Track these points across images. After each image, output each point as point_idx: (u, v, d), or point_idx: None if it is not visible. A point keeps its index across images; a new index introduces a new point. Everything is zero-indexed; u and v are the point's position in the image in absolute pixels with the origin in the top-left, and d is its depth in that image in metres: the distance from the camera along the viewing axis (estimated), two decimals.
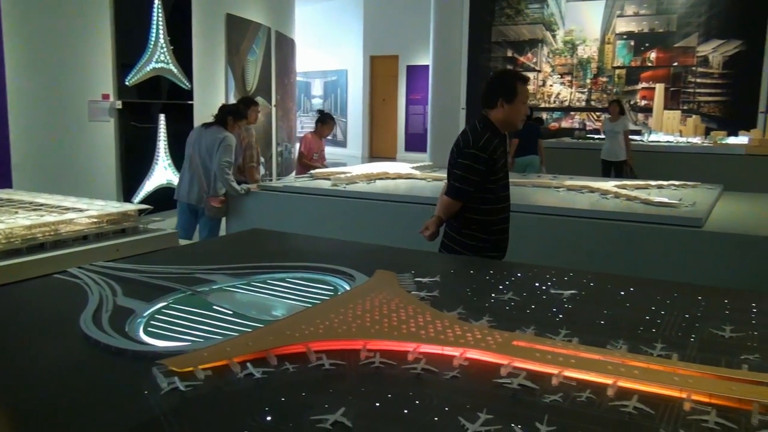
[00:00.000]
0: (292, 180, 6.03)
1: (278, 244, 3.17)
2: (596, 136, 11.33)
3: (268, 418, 1.35)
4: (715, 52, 12.99)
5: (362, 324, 1.83)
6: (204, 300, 2.14)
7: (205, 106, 5.58)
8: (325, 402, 1.42)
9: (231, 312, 2.02)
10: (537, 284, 2.36)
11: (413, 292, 2.20)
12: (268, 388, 1.50)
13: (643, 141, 10.44)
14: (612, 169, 9.08)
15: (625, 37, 13.69)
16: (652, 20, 13.46)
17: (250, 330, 1.84)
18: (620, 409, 1.41)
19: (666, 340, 1.81)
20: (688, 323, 1.97)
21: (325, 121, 6.86)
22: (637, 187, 5.42)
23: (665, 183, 5.66)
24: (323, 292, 2.25)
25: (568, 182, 5.53)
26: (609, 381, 1.51)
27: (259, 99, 9.97)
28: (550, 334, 1.83)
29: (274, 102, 11.10)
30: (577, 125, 14.08)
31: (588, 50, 14.04)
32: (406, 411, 1.39)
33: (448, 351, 1.70)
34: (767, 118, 11.40)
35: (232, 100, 8.58)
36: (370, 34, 16.95)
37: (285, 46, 11.67)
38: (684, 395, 1.45)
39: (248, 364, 1.58)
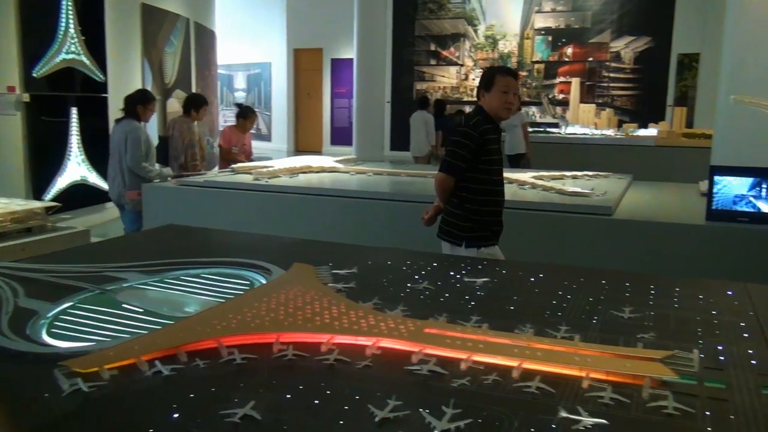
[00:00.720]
0: (214, 174, 5.92)
1: (194, 240, 3.10)
2: None
3: (176, 416, 1.33)
4: (626, 48, 13.59)
5: (276, 317, 1.83)
6: (113, 299, 2.07)
7: (121, 100, 5.39)
8: (235, 396, 1.41)
9: (141, 310, 1.97)
10: (452, 273, 2.42)
11: (330, 285, 2.21)
12: (176, 385, 1.48)
13: (560, 133, 10.80)
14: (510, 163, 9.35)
15: (543, 32, 14.12)
16: (568, 16, 13.94)
17: (160, 328, 1.80)
18: (523, 389, 1.46)
19: (570, 322, 1.89)
20: (592, 306, 2.06)
21: (246, 115, 6.75)
22: (553, 178, 5.61)
23: (579, 173, 5.88)
24: (238, 287, 2.22)
25: None
26: (514, 363, 1.57)
27: (179, 92, 9.72)
28: (462, 321, 1.88)
29: None
30: None
31: (508, 45, 14.40)
32: (317, 401, 1.40)
33: (362, 341, 1.72)
34: (674, 111, 12.00)
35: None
36: (293, 26, 16.78)
37: (205, 38, 11.39)
38: (583, 374, 1.53)
39: (157, 362, 1.55)
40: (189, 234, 3.23)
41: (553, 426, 1.30)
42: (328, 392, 1.45)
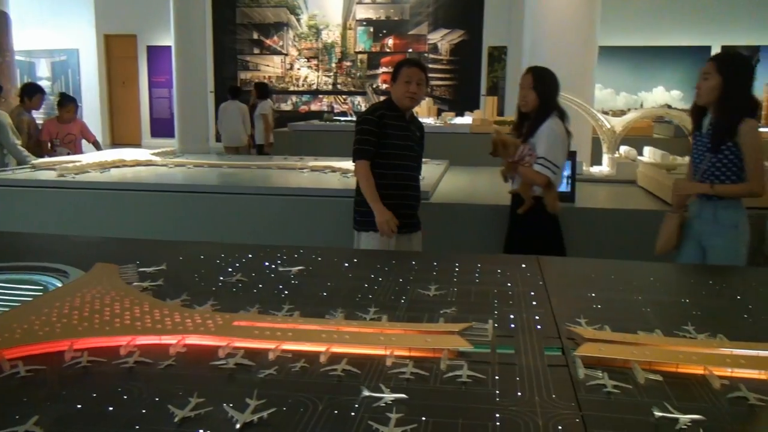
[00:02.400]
0: (8, 172, 5.33)
1: None
2: (343, 119, 11.78)
3: None
4: (443, 40, 14.30)
5: (69, 323, 1.69)
6: None
7: None
8: (16, 412, 1.28)
9: None
10: (267, 263, 2.39)
11: (135, 284, 2.08)
12: None
13: None
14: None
15: (364, 23, 14.42)
16: (387, 8, 14.36)
17: None
18: (330, 373, 1.48)
19: (379, 304, 1.95)
20: (401, 287, 2.14)
21: (61, 103, 6.30)
22: None
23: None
24: (29, 293, 2.02)
25: (312, 163, 5.68)
26: (322, 348, 1.59)
27: None
28: (273, 311, 1.86)
29: None
30: (325, 108, 14.52)
31: (332, 35, 14.52)
32: (111, 408, 1.32)
33: (166, 340, 1.64)
34: (486, 100, 12.85)
35: None
36: (102, 10, 15.56)
37: None
38: (388, 352, 1.58)
39: None
40: None
41: (356, 405, 1.34)
42: (125, 397, 1.36)
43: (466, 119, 11.33)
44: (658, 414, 1.30)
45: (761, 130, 3.14)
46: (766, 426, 1.28)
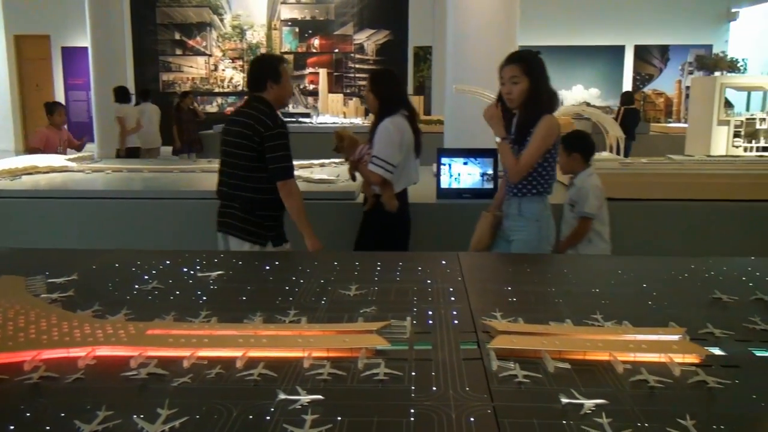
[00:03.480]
0: None
1: None
2: None
3: None
4: (368, 40, 14.36)
5: None
6: None
7: None
8: None
9: None
10: (185, 269, 2.34)
11: (43, 296, 2.00)
12: None
13: (312, 123, 11.08)
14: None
15: (290, 23, 14.30)
16: (312, 8, 14.30)
17: None
18: (246, 378, 1.47)
19: (299, 306, 1.94)
20: (322, 288, 2.14)
21: (51, 110, 6.23)
22: (302, 167, 5.72)
23: (327, 161, 6.08)
24: None
25: None
26: (239, 354, 1.57)
27: None
28: (190, 317, 1.83)
29: None
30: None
31: (257, 35, 14.34)
32: (12, 427, 1.26)
33: (75, 352, 1.58)
34: (413, 99, 12.99)
35: None
36: (11, 10, 14.80)
37: None
38: (305, 354, 1.58)
39: None
40: None
41: (272, 409, 1.33)
42: (28, 414, 1.31)
43: None
44: (564, 401, 1.35)
45: (672, 125, 3.32)
46: (664, 406, 1.35)
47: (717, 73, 6.97)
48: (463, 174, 4.64)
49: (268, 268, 2.38)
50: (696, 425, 1.25)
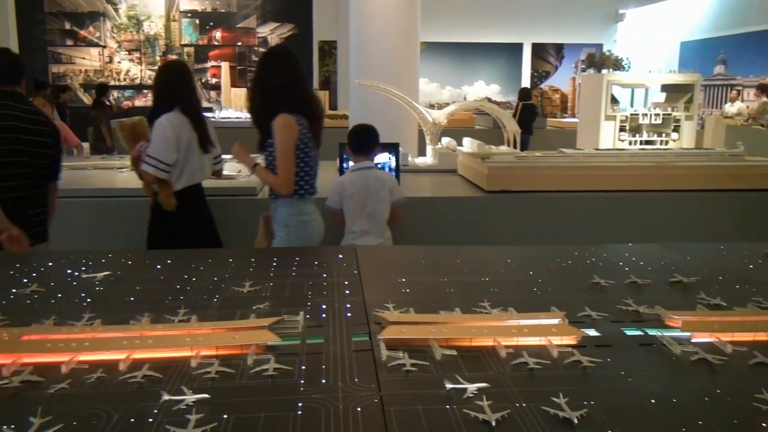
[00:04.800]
0: None
1: None
2: None
3: None
4: (272, 33, 14.17)
5: None
6: None
7: None
8: None
9: None
10: (69, 271, 2.23)
11: None
12: None
13: (215, 117, 10.81)
14: None
15: (189, 15, 13.87)
16: (213, 0, 13.92)
17: None
18: (129, 380, 1.42)
19: (190, 305, 1.90)
20: (215, 286, 2.10)
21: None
22: None
23: (227, 157, 5.95)
24: None
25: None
26: (122, 356, 1.52)
27: None
28: (72, 321, 1.74)
29: None
30: (150, 103, 13.80)
31: (154, 27, 13.81)
32: None
33: None
34: (318, 94, 12.95)
35: None
36: None
37: None
38: (194, 353, 1.55)
39: None
40: None
41: (155, 411, 1.29)
42: None
43: None
44: (449, 386, 1.40)
45: (567, 120, 3.48)
46: (541, 386, 1.42)
47: (604, 71, 7.38)
48: None
49: (159, 267, 2.31)
50: (568, 402, 1.32)
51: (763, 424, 1.27)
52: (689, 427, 1.26)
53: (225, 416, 1.28)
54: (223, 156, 3.90)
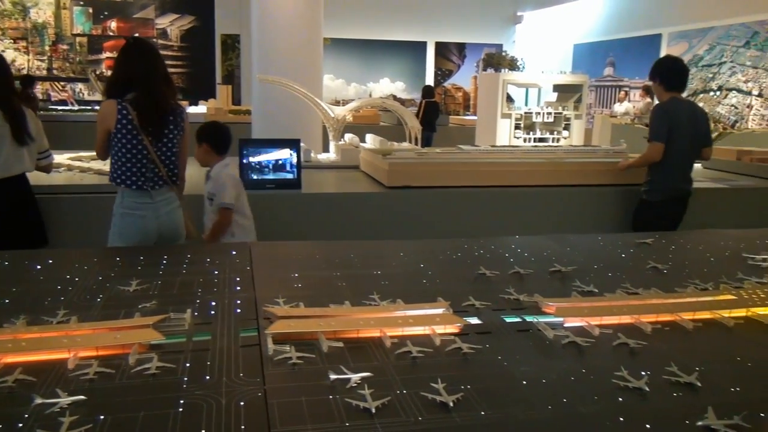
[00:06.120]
0: None
1: None
2: (61, 108, 10.72)
3: None
4: (172, 25, 13.71)
5: None
6: None
7: None
8: None
9: None
10: None
11: None
12: None
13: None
14: None
15: (81, 3, 13.19)
16: None
17: None
18: None
19: (71, 305, 1.83)
20: (100, 285, 2.04)
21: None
22: (93, 159, 5.34)
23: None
24: None
25: None
26: None
27: None
28: None
29: None
30: (40, 96, 13.03)
31: (42, 14, 13.03)
32: None
33: None
34: (221, 88, 12.66)
35: None
36: None
37: None
38: (71, 355, 1.50)
39: None
40: None
41: (26, 416, 1.25)
42: None
43: (201, 108, 11.07)
44: (333, 377, 1.43)
45: (469, 118, 3.57)
46: (422, 373, 1.48)
47: (502, 71, 7.67)
48: (267, 165, 4.64)
49: (39, 267, 2.21)
50: (446, 387, 1.38)
51: (620, 399, 1.38)
52: (554, 404, 1.35)
53: (101, 417, 1.25)
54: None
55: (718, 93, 10.38)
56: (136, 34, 13.34)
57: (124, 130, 2.94)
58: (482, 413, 1.30)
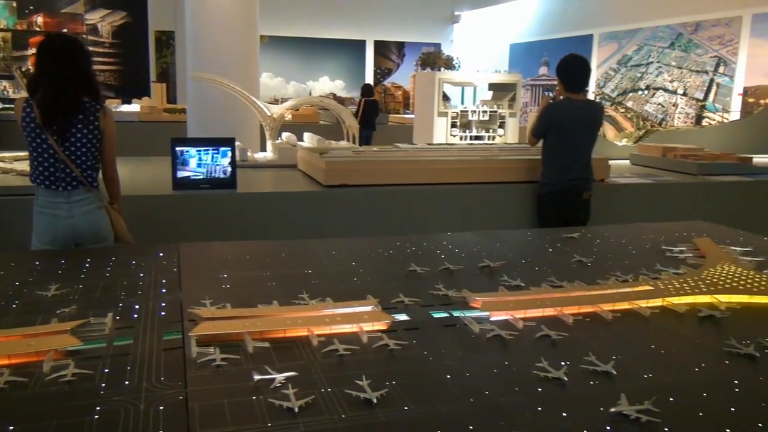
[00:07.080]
0: None
1: None
2: None
3: None
4: (103, 21, 13.28)
5: None
6: None
7: None
8: None
9: None
10: None
11: None
12: None
13: None
14: None
15: None
16: None
17: None
18: None
19: None
20: (16, 290, 1.96)
21: None
22: (16, 159, 5.13)
23: None
24: None
25: None
26: None
27: None
28: None
29: None
30: None
31: None
32: None
33: None
34: (155, 86, 12.31)
35: None
36: None
37: None
38: None
39: None
40: None
41: None
42: None
43: (134, 107, 10.76)
44: (257, 377, 1.42)
45: (408, 116, 3.58)
46: (348, 371, 1.48)
47: (439, 70, 7.75)
48: (200, 164, 4.54)
49: None
50: (371, 384, 1.39)
51: (539, 389, 1.42)
52: (476, 397, 1.38)
53: (11, 428, 1.20)
54: None
55: (646, 92, 10.78)
56: (64, 30, 12.86)
57: (28, 129, 2.87)
58: (405, 408, 1.32)
